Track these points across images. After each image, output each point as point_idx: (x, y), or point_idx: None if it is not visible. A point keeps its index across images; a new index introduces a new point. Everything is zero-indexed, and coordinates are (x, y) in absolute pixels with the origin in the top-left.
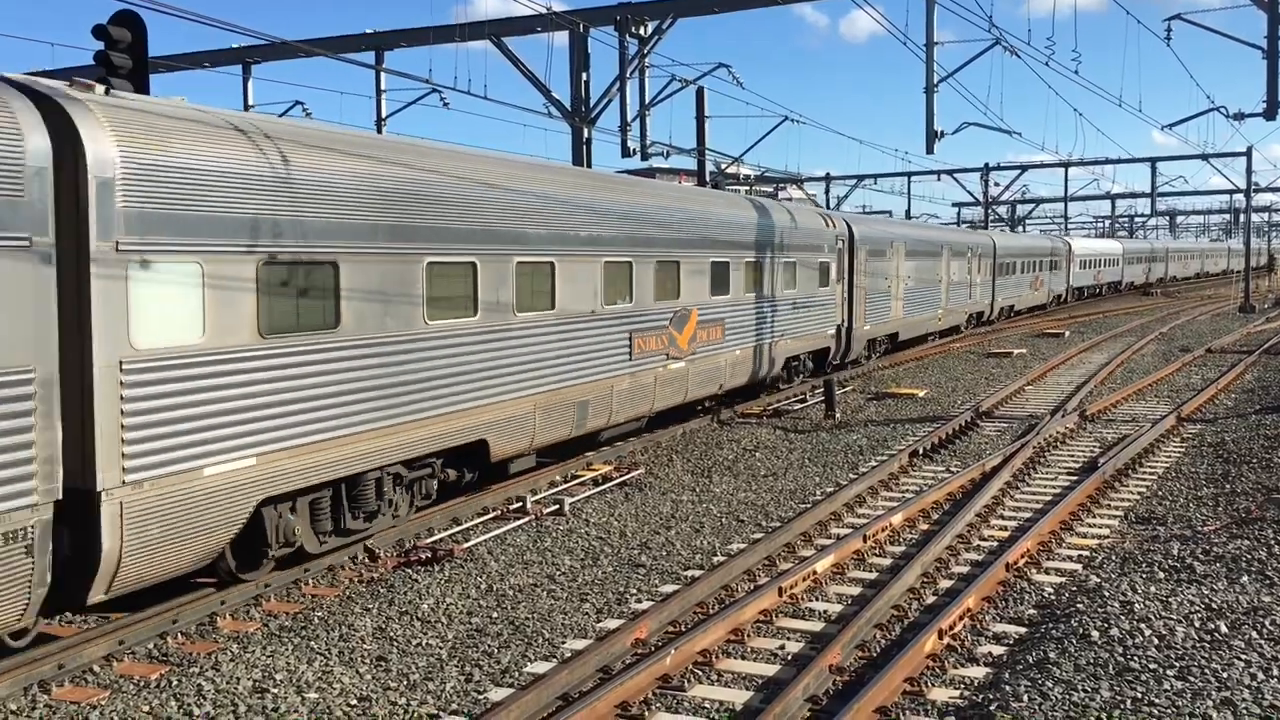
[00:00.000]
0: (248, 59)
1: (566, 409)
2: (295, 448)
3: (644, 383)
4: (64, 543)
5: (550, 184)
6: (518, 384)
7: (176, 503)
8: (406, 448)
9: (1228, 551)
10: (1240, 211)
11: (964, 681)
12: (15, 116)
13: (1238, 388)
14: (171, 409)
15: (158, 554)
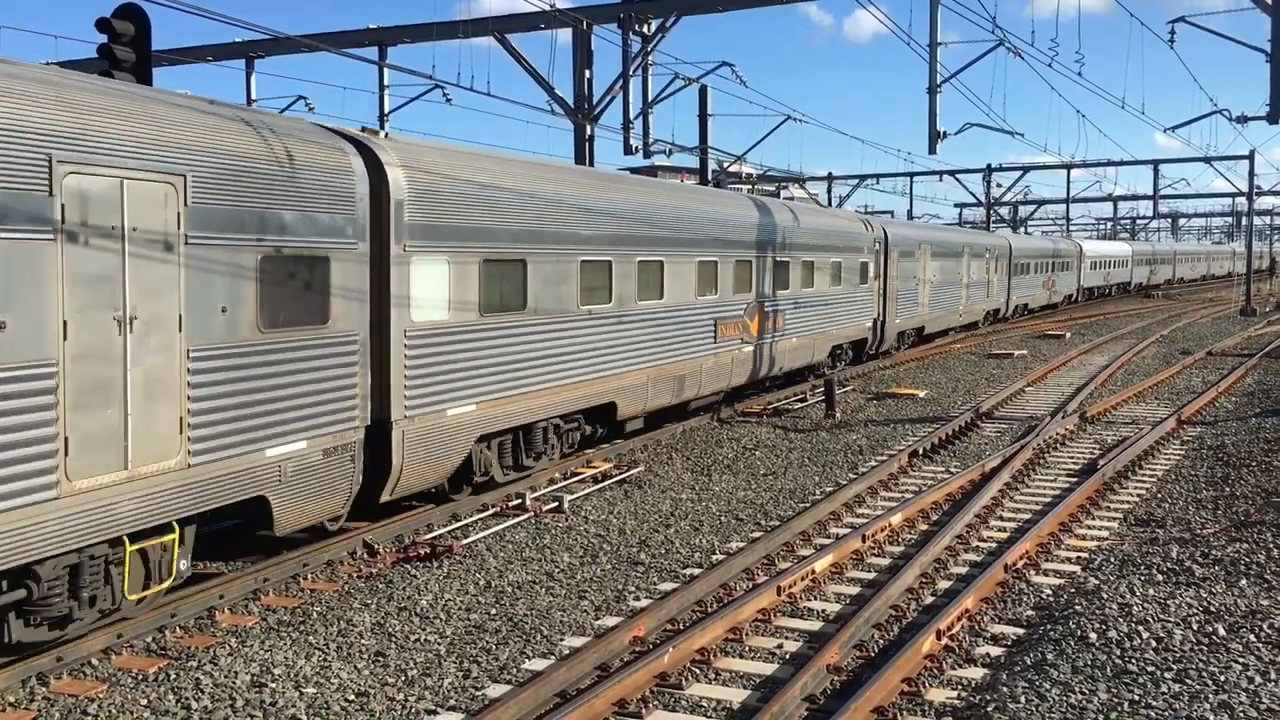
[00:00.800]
0: (251, 53)
1: (670, 381)
2: (498, 400)
3: (724, 362)
4: (367, 458)
5: (663, 200)
6: (637, 359)
7: (432, 435)
8: (563, 405)
9: (1226, 555)
10: (1242, 215)
11: (962, 682)
12: (349, 159)
13: (1238, 391)
14: (431, 366)
15: (419, 471)
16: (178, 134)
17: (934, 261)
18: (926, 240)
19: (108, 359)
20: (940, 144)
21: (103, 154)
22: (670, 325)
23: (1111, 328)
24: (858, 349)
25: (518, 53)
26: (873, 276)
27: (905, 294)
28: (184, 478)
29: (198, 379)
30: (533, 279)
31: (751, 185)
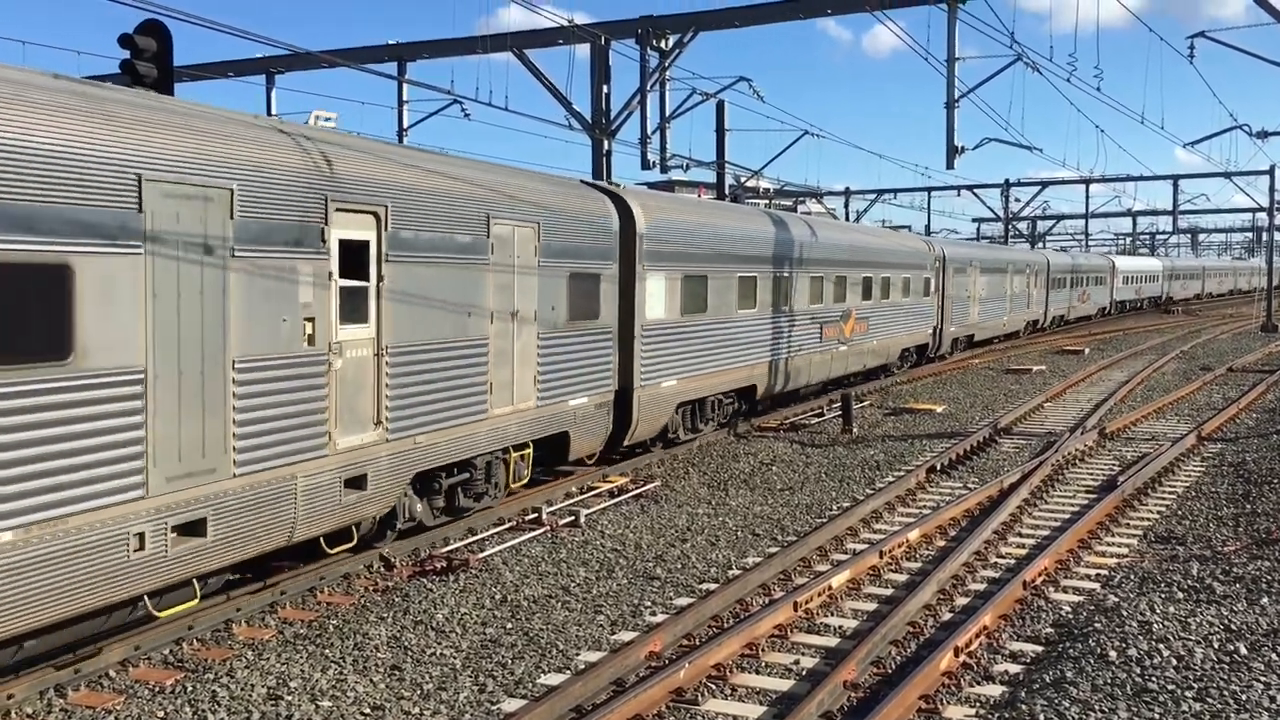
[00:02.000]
0: (271, 69)
1: (791, 370)
2: (689, 377)
3: (825, 358)
4: (614, 414)
5: (791, 231)
6: (770, 352)
7: (655, 400)
8: (724, 384)
9: (1248, 572)
10: (1263, 230)
11: (980, 700)
12: (609, 206)
13: (1259, 407)
14: (655, 352)
15: (647, 426)
16: (540, 197)
17: (983, 277)
18: (977, 258)
19: (506, 337)
20: (958, 159)
21: (516, 218)
22: (792, 327)
23: (1131, 343)
24: (920, 352)
25: (536, 68)
26: (933, 290)
27: (959, 305)
28: (536, 414)
29: (543, 353)
30: (711, 289)
31: (769, 200)
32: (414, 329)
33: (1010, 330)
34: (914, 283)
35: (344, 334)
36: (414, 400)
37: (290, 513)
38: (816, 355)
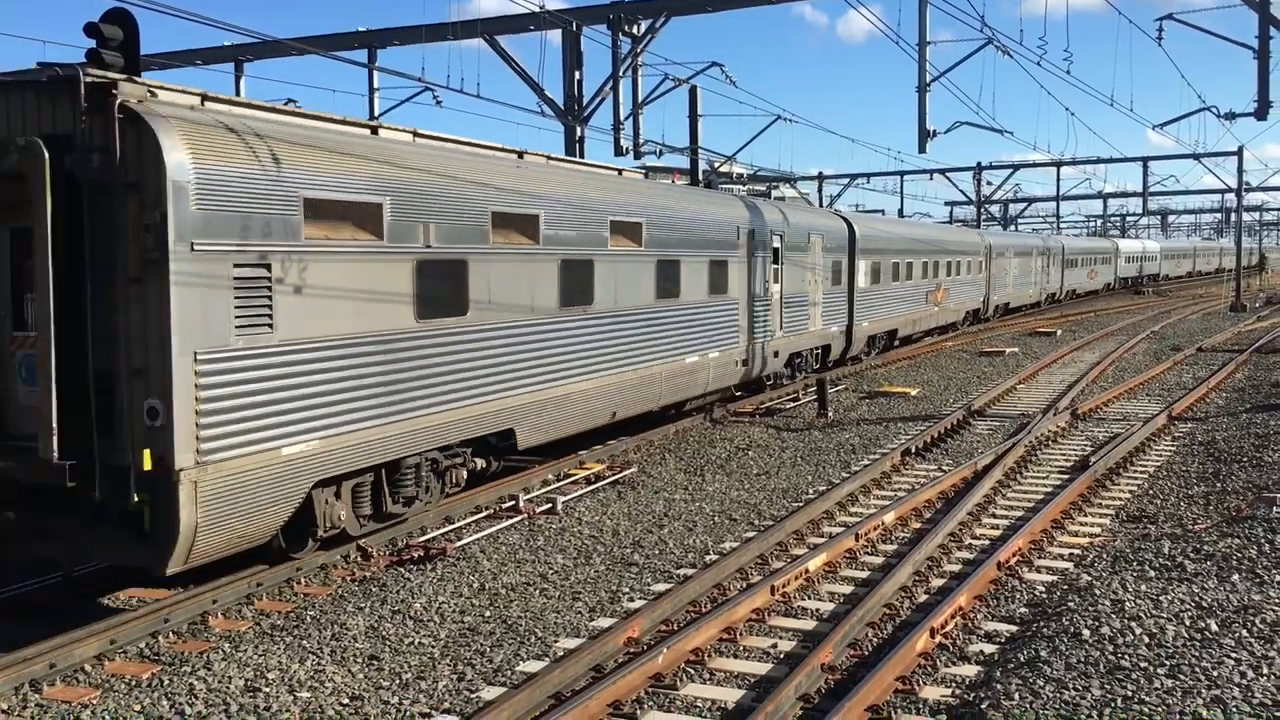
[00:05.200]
0: (240, 57)
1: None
2: (874, 321)
3: (926, 315)
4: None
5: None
6: (903, 309)
7: (862, 331)
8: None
9: (1218, 550)
10: (1231, 211)
11: (955, 680)
12: (843, 224)
13: (1229, 386)
14: (861, 305)
15: (856, 345)
16: (824, 223)
17: (1015, 259)
18: (1011, 245)
19: (818, 293)
20: (930, 143)
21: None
22: (917, 292)
23: (1102, 324)
24: (974, 316)
25: (507, 54)
26: (981, 270)
27: (999, 281)
28: (820, 333)
29: (822, 301)
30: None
31: (742, 185)
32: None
33: (1034, 301)
34: (971, 265)
35: (773, 287)
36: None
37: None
38: (923, 314)
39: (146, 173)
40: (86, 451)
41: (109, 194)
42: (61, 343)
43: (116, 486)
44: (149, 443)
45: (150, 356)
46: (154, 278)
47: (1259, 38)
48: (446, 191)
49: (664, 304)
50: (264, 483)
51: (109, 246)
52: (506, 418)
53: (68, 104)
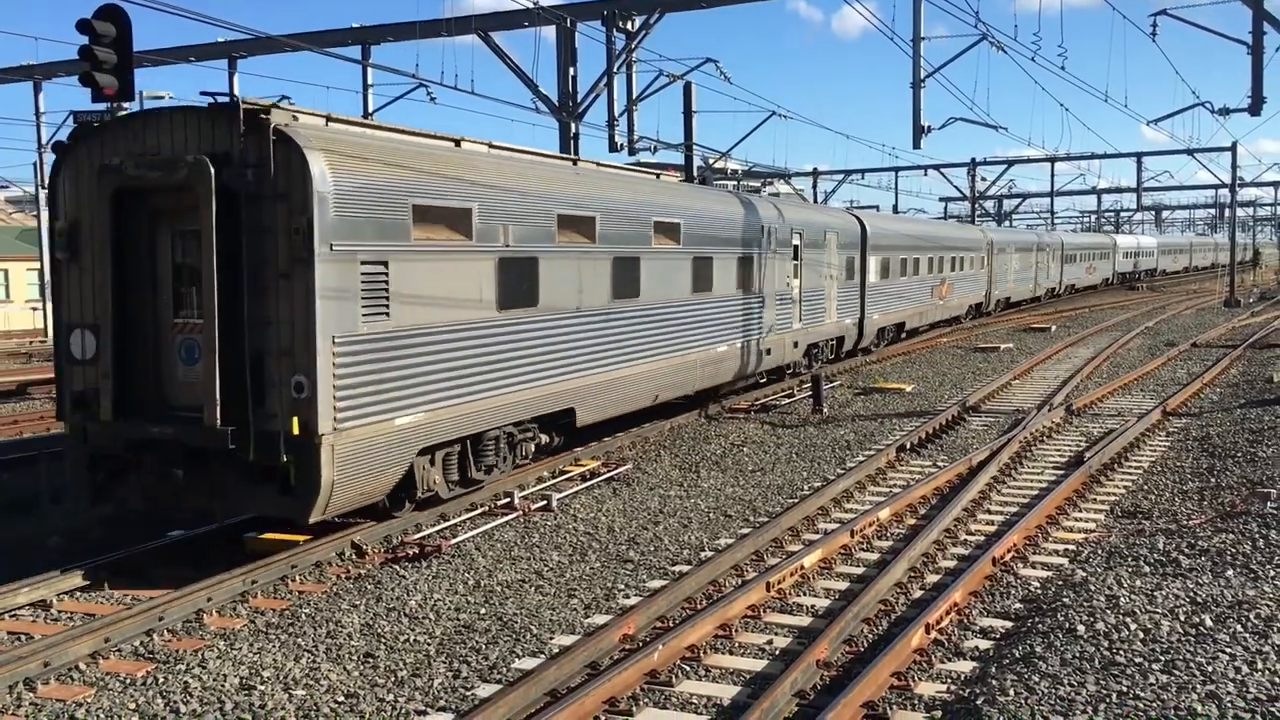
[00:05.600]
0: (233, 54)
1: (922, 315)
2: (885, 314)
3: (931, 309)
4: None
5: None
6: (913, 303)
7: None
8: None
9: (1213, 545)
10: (1225, 206)
11: (951, 676)
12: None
13: (1223, 382)
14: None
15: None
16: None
17: (1016, 255)
18: (1012, 241)
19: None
20: (925, 138)
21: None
22: (923, 286)
23: (1096, 320)
24: (977, 309)
25: (502, 51)
26: (983, 265)
27: (1000, 276)
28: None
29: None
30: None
31: (737, 182)
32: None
33: (1034, 295)
34: (974, 260)
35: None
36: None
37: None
38: (929, 307)
39: (294, 185)
40: (243, 419)
41: (261, 202)
42: (222, 328)
43: (268, 449)
44: (296, 412)
45: (296, 339)
46: (300, 273)
47: (1253, 33)
48: (521, 197)
49: (699, 297)
50: (382, 448)
51: (261, 247)
52: (568, 398)
53: (226, 127)
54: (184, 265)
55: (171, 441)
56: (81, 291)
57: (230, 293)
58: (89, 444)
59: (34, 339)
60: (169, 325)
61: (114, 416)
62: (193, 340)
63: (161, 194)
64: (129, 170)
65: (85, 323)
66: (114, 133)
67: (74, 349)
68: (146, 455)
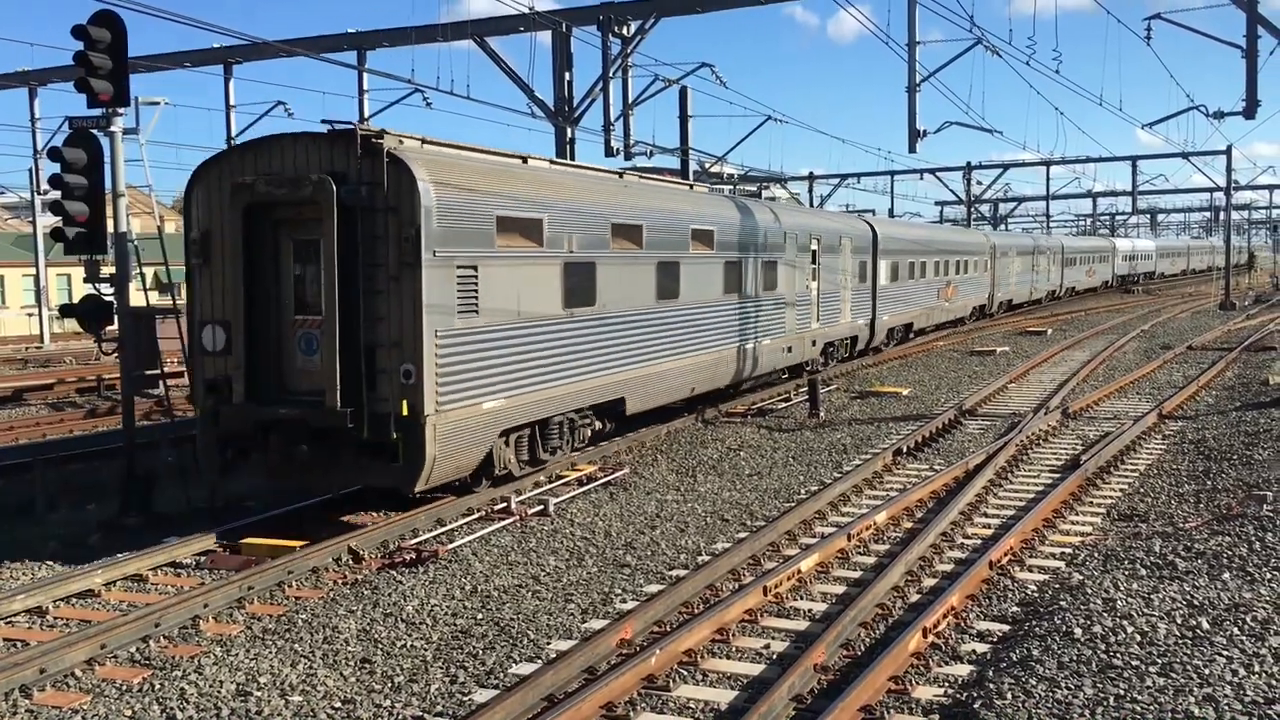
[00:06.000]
0: (229, 59)
1: (928, 315)
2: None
3: (937, 310)
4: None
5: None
6: (919, 304)
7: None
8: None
9: (1209, 548)
10: (1220, 209)
11: (948, 679)
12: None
13: (1218, 385)
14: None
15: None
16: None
17: (1017, 258)
18: (1014, 245)
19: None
20: (920, 142)
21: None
22: (930, 287)
23: (1092, 324)
24: (980, 311)
25: (497, 55)
26: (985, 268)
27: (1003, 279)
28: (849, 326)
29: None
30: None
31: (733, 186)
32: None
33: (1035, 298)
34: (977, 264)
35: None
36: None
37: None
38: (935, 309)
39: (403, 199)
40: (358, 402)
41: (374, 215)
42: (340, 323)
43: (380, 428)
44: (404, 395)
45: (405, 333)
46: (409, 276)
47: (1247, 37)
48: (582, 207)
49: (729, 298)
50: (472, 429)
51: (374, 253)
52: (619, 389)
53: (344, 150)
54: (304, 269)
55: (296, 422)
56: (213, 292)
57: (346, 293)
58: (219, 426)
59: (29, 345)
60: (290, 321)
61: (245, 400)
62: (311, 334)
63: (284, 207)
64: (259, 187)
65: (216, 319)
66: (244, 155)
67: (205, 342)
68: (272, 435)
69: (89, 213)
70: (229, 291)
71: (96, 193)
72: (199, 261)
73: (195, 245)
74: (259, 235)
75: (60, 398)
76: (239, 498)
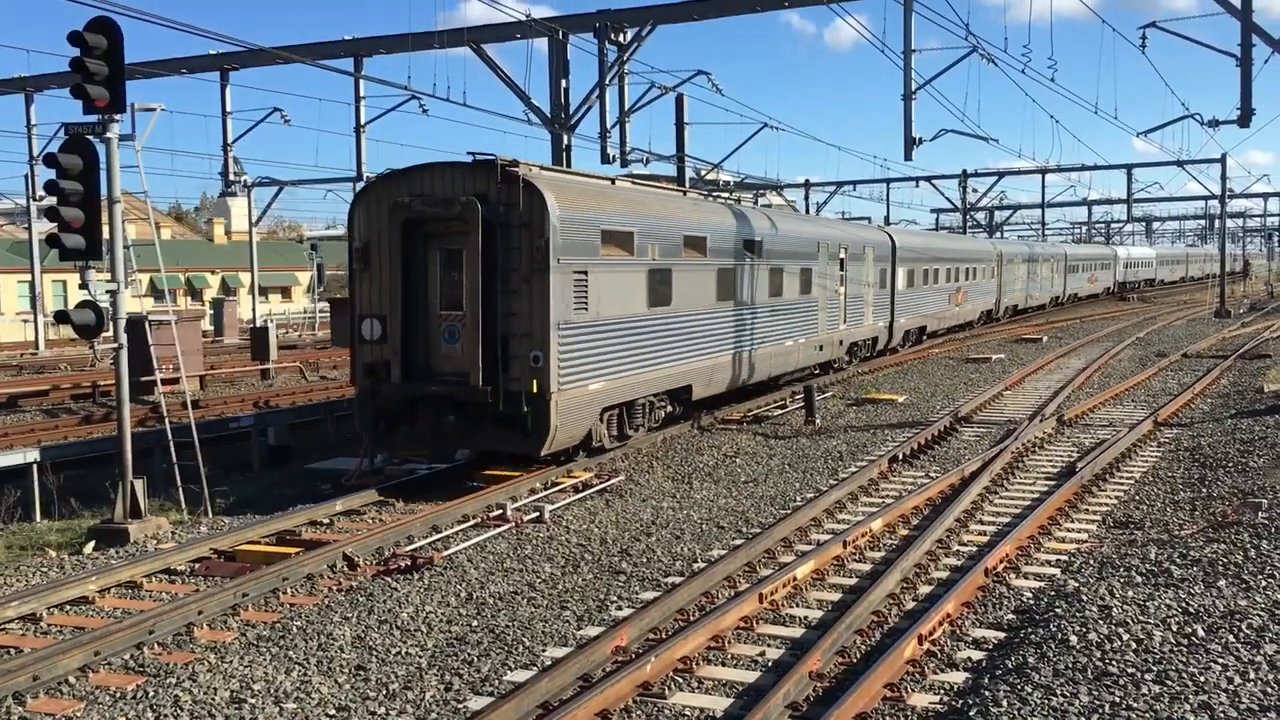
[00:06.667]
0: (225, 65)
1: (940, 319)
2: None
3: (949, 314)
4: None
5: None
6: (932, 308)
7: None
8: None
9: (1204, 555)
10: (1215, 217)
11: (944, 687)
12: (887, 237)
13: (1213, 392)
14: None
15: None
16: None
17: (1023, 266)
18: (1019, 253)
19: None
20: (916, 150)
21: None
22: (942, 293)
23: (1088, 331)
24: (988, 315)
25: (494, 63)
26: (992, 275)
27: (1009, 285)
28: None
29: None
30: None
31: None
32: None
33: (1040, 303)
34: (985, 271)
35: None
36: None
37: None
38: (947, 312)
39: (535, 216)
40: (495, 382)
41: (510, 230)
42: (482, 317)
43: (513, 403)
44: (534, 376)
45: (535, 325)
46: (539, 279)
47: (1241, 45)
48: (661, 222)
49: (774, 301)
50: (582, 406)
51: (510, 260)
52: (688, 378)
53: (485, 176)
54: (448, 273)
55: (443, 398)
56: (372, 292)
57: (486, 292)
58: (377, 401)
59: (25, 351)
60: (436, 316)
61: (402, 380)
62: (454, 326)
63: (434, 222)
64: (415, 206)
65: (374, 314)
66: (400, 180)
67: (364, 333)
68: (422, 409)
69: (84, 219)
70: (386, 291)
71: (92, 199)
72: (360, 266)
73: (358, 253)
74: (412, 245)
75: (56, 404)
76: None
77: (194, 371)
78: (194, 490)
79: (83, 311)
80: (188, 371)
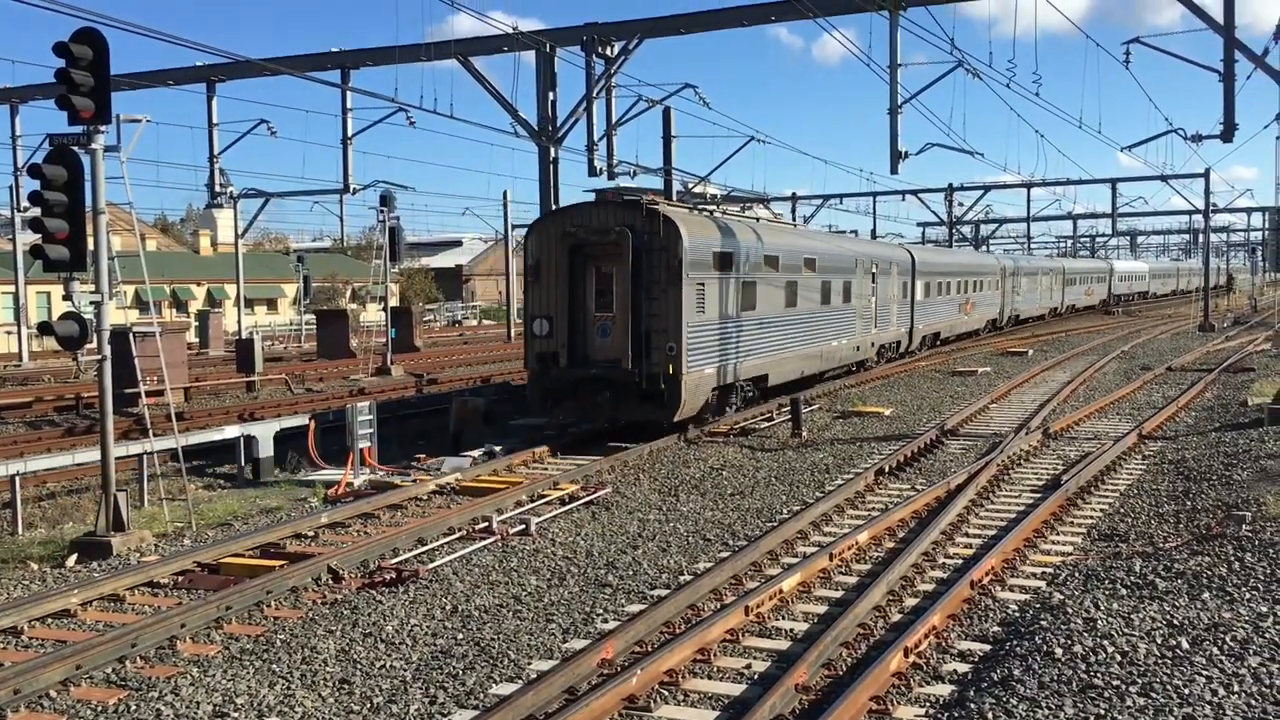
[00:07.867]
0: (212, 77)
1: (950, 326)
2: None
3: (959, 322)
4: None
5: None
6: (945, 317)
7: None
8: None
9: (1189, 568)
10: (1199, 232)
11: (930, 699)
12: (908, 255)
13: (1198, 405)
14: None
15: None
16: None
17: (1025, 278)
18: (1022, 267)
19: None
20: (902, 164)
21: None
22: (953, 303)
23: (1073, 344)
24: (993, 324)
25: (481, 75)
26: (999, 287)
27: (1013, 295)
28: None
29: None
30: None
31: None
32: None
33: (1040, 313)
34: (991, 283)
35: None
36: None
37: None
38: (957, 321)
39: (670, 242)
40: (639, 366)
41: (652, 253)
42: (631, 317)
43: (652, 382)
44: (670, 362)
45: (670, 323)
46: (674, 289)
47: (1224, 61)
48: (750, 244)
49: (824, 308)
50: (700, 385)
51: (651, 275)
52: (766, 367)
53: (632, 211)
54: (600, 284)
55: (600, 379)
56: (542, 299)
57: (632, 299)
58: (545, 382)
59: (8, 363)
60: (592, 317)
61: (568, 365)
62: (606, 323)
63: (591, 246)
64: (579, 235)
65: (544, 314)
66: (566, 214)
67: (535, 330)
68: (582, 388)
69: (69, 230)
70: (554, 298)
71: (77, 210)
72: (533, 279)
73: (531, 269)
74: (574, 263)
75: (39, 416)
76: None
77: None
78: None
79: (66, 323)
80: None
